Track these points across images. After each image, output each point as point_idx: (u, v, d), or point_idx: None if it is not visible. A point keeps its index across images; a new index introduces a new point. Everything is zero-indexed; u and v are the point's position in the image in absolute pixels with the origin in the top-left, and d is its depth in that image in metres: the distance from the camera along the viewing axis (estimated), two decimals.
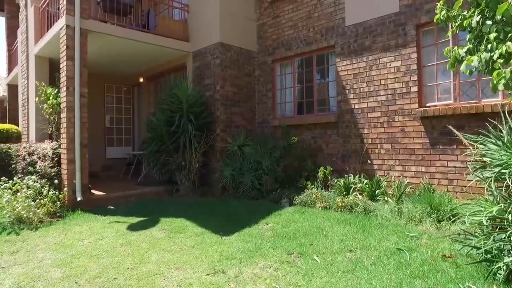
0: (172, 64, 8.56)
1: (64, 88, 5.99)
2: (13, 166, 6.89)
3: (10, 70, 12.28)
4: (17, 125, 10.27)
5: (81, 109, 6.07)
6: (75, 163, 5.95)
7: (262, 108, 7.84)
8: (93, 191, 6.84)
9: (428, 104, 5.31)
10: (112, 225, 5.09)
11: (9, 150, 7.39)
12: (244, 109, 7.67)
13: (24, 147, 6.66)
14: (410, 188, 5.20)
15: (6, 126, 9.56)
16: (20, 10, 9.94)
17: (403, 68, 5.50)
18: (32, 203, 5.29)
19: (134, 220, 5.34)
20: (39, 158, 6.14)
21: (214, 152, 7.21)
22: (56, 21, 6.62)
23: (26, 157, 6.40)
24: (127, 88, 10.67)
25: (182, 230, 4.69)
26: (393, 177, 5.56)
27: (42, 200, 5.47)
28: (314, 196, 5.37)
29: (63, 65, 6.09)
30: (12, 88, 11.94)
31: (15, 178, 5.93)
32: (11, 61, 12.16)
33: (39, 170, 5.96)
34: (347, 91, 6.26)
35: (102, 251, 4.07)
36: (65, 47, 6.01)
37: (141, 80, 9.88)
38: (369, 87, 5.95)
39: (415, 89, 5.35)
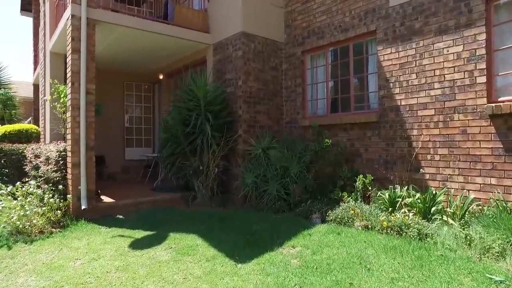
0: (191, 58, 7.86)
1: (69, 84, 5.41)
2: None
3: (34, 69, 12.16)
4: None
5: (88, 107, 5.46)
6: (80, 167, 5.35)
7: (290, 106, 6.94)
8: (103, 196, 6.25)
9: (501, 99, 4.20)
10: (114, 240, 4.40)
11: (26, 151, 6.96)
12: (270, 107, 6.81)
13: (32, 149, 6.17)
14: (476, 205, 4.11)
15: (26, 126, 9.27)
16: (40, 6, 9.65)
17: (465, 54, 4.42)
18: (29, 212, 4.71)
19: (140, 234, 4.63)
20: (42, 161, 5.60)
21: (235, 155, 6.41)
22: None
23: (32, 159, 5.90)
24: (147, 86, 10.13)
25: (192, 251, 3.90)
26: (451, 190, 4.49)
27: (41, 209, 4.89)
28: (352, 211, 4.41)
29: (68, 58, 5.51)
30: (36, 88, 11.79)
31: (18, 183, 5.42)
32: (36, 61, 12.03)
33: (42, 175, 5.41)
34: (391, 84, 5.23)
35: (92, 277, 3.36)
36: (70, 38, 5.43)
37: (161, 77, 9.28)
38: (419, 79, 4.90)
39: (482, 79, 4.26)
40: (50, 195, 5.27)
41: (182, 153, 6.16)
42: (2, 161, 6.88)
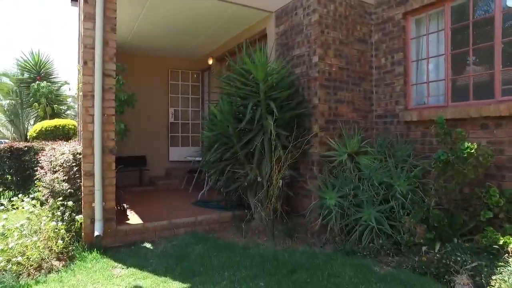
0: (247, 34, 6.11)
1: (81, 64, 3.94)
2: None
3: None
4: None
5: (105, 95, 3.96)
6: (94, 177, 3.86)
7: (384, 93, 4.88)
8: (131, 213, 4.77)
9: None
10: None
11: (41, 153, 5.78)
12: (355, 95, 4.82)
13: (47, 150, 4.88)
14: None
15: (63, 121, 8.28)
16: None
17: None
18: (13, 244, 3.31)
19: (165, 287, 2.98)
20: (46, 167, 4.23)
21: (307, 162, 4.54)
22: None
23: (44, 165, 4.57)
24: (195, 75, 8.62)
25: None
26: None
27: (33, 237, 3.47)
28: None
29: (81, 29, 4.04)
30: None
31: (20, 195, 4.12)
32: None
33: (48, 186, 4.02)
34: None
35: None
36: (82, 1, 3.96)
37: (211, 62, 7.68)
38: None
39: None
40: (56, 214, 3.89)
41: (233, 158, 4.44)
42: (6, 165, 5.74)
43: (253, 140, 4.24)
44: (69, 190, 4.07)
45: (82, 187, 3.89)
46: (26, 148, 6.67)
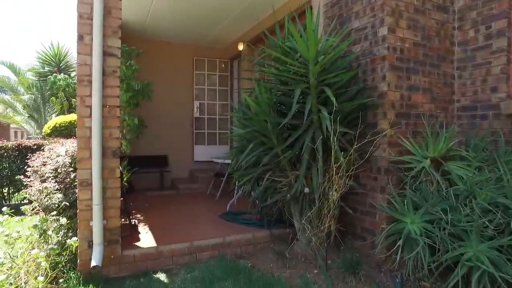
0: (284, 11, 5.01)
1: (76, 38, 3.02)
2: None
3: None
4: None
5: (107, 80, 3.04)
6: (91, 187, 2.95)
7: (472, 77, 3.65)
8: (143, 229, 3.84)
9: None
10: None
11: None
12: (433, 80, 3.62)
13: (46, 151, 4.04)
14: None
15: (70, 117, 7.52)
16: None
17: None
18: None
19: None
20: (36, 173, 3.36)
21: (370, 169, 3.42)
22: None
23: (33, 170, 3.72)
24: (223, 64, 7.63)
25: None
26: None
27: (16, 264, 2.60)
28: None
29: None
30: None
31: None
32: None
33: (36, 198, 3.15)
34: None
35: None
36: None
37: (241, 47, 6.66)
38: None
39: None
40: (48, 235, 3.02)
41: (273, 163, 3.38)
42: (15, 164, 4.99)
43: (300, 140, 3.17)
44: (64, 203, 3.19)
45: (78, 201, 2.98)
46: (35, 147, 5.97)
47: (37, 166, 3.52)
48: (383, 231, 3.00)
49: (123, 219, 3.79)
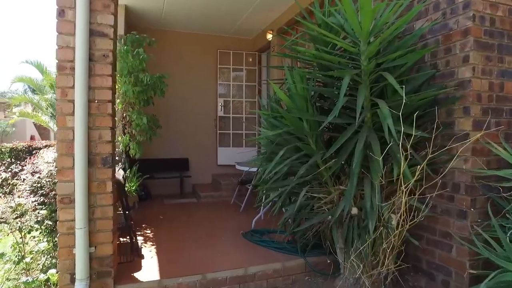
0: None
1: (56, 14, 2.36)
2: None
3: None
4: None
5: (95, 68, 2.37)
6: (74, 204, 2.29)
7: None
8: (149, 249, 3.15)
9: None
10: None
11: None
12: None
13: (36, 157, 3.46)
14: None
15: None
16: None
17: None
18: None
19: None
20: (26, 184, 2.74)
21: (445, 185, 2.52)
22: None
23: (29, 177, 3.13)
24: (251, 57, 6.88)
25: None
26: None
27: None
28: None
29: None
30: None
31: None
32: None
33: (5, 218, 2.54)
34: None
35: None
36: None
37: (270, 36, 5.87)
38: None
39: None
40: (25, 262, 2.39)
41: (310, 175, 2.56)
42: None
43: (348, 145, 2.33)
44: (46, 222, 2.55)
45: (58, 222, 2.32)
46: (45, 148, 5.49)
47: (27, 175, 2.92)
48: (469, 276, 2.11)
49: (124, 238, 3.13)
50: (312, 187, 2.65)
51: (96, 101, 2.36)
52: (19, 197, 2.58)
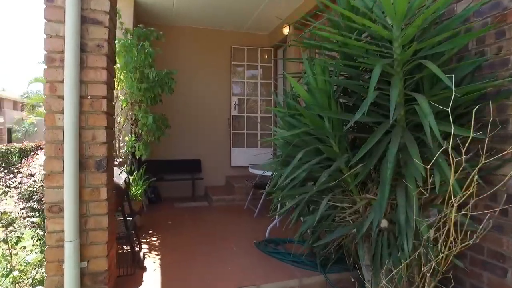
0: None
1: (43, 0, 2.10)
2: None
3: None
4: None
5: (88, 59, 2.10)
6: (63, 213, 2.02)
7: None
8: (153, 259, 2.88)
9: None
10: None
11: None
12: None
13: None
14: None
15: None
16: None
17: None
18: None
19: None
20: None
21: (495, 197, 2.12)
22: None
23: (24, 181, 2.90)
24: (266, 53, 6.56)
25: None
26: None
27: None
28: None
29: None
30: None
31: None
32: None
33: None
34: None
35: None
36: None
37: (287, 31, 5.53)
38: None
39: None
40: (12, 276, 2.15)
41: (333, 182, 2.22)
42: None
43: (379, 147, 1.98)
44: (37, 232, 2.31)
45: (46, 233, 2.06)
46: None
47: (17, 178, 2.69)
48: None
49: (125, 247, 2.87)
50: (334, 195, 2.30)
51: (89, 97, 2.09)
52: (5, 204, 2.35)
